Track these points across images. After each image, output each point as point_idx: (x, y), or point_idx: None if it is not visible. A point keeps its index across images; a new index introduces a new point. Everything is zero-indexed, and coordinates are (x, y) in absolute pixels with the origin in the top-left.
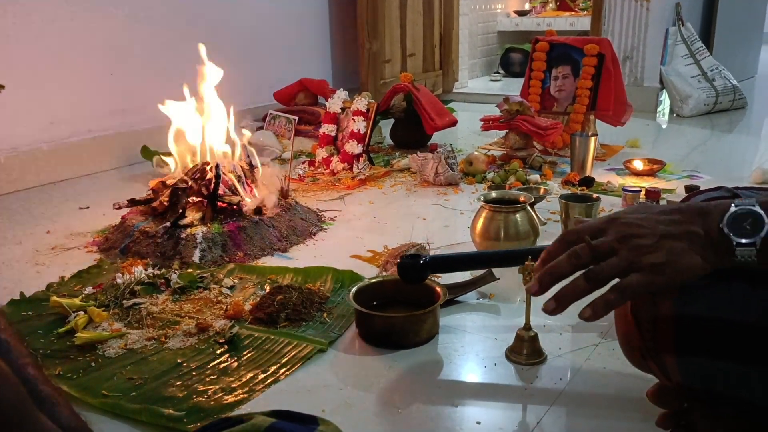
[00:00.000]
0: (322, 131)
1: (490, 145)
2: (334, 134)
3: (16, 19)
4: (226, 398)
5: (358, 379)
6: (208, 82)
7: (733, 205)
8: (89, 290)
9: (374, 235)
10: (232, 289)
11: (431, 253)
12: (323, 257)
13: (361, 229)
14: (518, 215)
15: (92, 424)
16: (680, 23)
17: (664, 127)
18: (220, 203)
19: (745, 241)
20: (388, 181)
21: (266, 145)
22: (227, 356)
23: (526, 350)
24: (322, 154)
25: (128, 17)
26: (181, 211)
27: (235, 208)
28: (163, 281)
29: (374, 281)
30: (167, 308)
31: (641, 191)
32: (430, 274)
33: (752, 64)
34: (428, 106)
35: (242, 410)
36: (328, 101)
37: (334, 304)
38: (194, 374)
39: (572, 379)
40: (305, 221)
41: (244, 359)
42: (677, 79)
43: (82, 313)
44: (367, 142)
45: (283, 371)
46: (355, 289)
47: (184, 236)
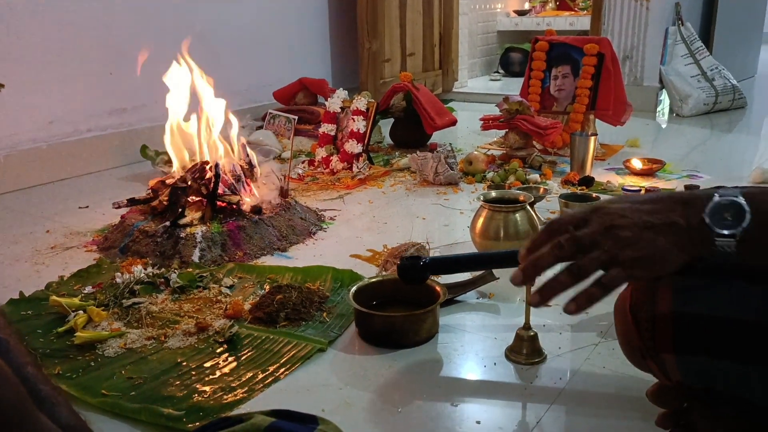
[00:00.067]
0: (321, 131)
1: (489, 144)
2: (333, 134)
3: (16, 19)
4: (225, 398)
5: (357, 378)
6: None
7: (716, 194)
8: (89, 289)
9: (374, 234)
10: (231, 288)
11: (431, 252)
12: (323, 257)
13: (360, 228)
14: (518, 215)
15: (92, 423)
16: (680, 23)
17: (663, 126)
18: (219, 203)
19: (726, 232)
20: (387, 180)
21: (266, 144)
22: (227, 356)
23: (525, 350)
24: (321, 153)
25: (128, 17)
26: (180, 210)
27: (234, 207)
28: (162, 281)
29: (374, 281)
30: (167, 308)
31: (641, 191)
32: (430, 275)
33: (752, 63)
34: (428, 105)
35: (242, 409)
36: (327, 101)
37: (333, 303)
38: (194, 374)
39: (572, 378)
40: (305, 221)
41: (243, 359)
42: (677, 78)
43: (81, 312)
44: (366, 141)
45: (282, 371)
46: (354, 288)
47: (183, 235)
